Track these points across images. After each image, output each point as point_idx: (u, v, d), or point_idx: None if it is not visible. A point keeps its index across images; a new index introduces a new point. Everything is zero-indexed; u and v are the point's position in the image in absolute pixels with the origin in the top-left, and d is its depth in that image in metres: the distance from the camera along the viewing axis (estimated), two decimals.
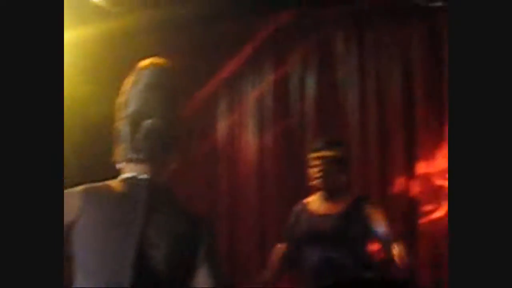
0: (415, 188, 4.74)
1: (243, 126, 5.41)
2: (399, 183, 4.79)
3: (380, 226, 3.68)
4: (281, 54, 5.25)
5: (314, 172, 3.79)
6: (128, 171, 2.01)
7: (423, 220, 4.59)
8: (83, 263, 1.85)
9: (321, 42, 5.16)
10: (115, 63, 4.88)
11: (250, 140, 5.21)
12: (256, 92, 5.18)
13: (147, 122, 2.06)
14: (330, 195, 3.77)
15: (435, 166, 4.68)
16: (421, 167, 4.68)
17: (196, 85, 5.20)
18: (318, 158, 3.78)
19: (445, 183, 4.62)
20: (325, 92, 5.11)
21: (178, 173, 2.21)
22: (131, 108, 2.09)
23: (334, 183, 3.76)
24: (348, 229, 3.69)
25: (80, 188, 1.95)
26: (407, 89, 4.81)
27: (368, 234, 3.55)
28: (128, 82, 2.16)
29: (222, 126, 5.49)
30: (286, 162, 5.27)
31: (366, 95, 4.97)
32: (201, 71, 5.25)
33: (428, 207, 4.65)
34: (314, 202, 3.90)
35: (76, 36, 4.48)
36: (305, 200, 3.96)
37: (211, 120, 5.53)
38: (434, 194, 4.70)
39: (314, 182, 3.83)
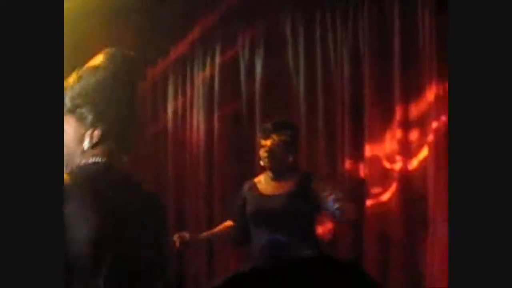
0: (363, 171, 4.78)
1: (192, 108, 5.44)
2: (347, 166, 4.82)
3: (327, 195, 3.74)
4: (230, 36, 5.23)
5: (262, 153, 3.87)
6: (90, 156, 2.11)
7: (370, 202, 4.65)
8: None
9: (269, 25, 5.11)
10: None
11: (199, 121, 5.27)
12: (205, 74, 5.23)
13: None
14: (277, 175, 3.85)
15: (384, 148, 4.70)
16: (370, 150, 4.70)
17: (146, 67, 5.17)
18: (266, 139, 3.85)
19: (393, 165, 4.68)
20: (273, 74, 5.11)
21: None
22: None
23: (281, 164, 3.84)
24: (296, 207, 3.77)
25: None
26: (355, 72, 4.81)
27: (317, 208, 3.63)
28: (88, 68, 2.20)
29: (172, 108, 5.54)
30: (234, 143, 5.30)
31: (314, 78, 4.96)
32: (150, 53, 5.25)
33: (376, 190, 4.69)
34: (262, 182, 3.97)
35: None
36: (254, 180, 4.01)
37: (161, 102, 5.57)
38: (382, 176, 4.73)
39: (262, 163, 3.91)
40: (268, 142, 3.85)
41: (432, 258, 4.65)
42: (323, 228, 3.97)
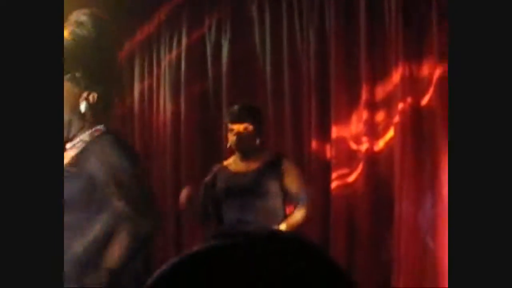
0: (329, 152, 4.79)
1: (159, 89, 5.43)
2: (313, 147, 4.85)
3: (294, 185, 3.92)
4: (197, 17, 5.22)
5: (230, 136, 3.97)
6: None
7: (336, 184, 4.66)
8: None
9: (236, 6, 5.12)
10: None
11: (166, 103, 5.27)
12: (172, 55, 5.22)
13: None
14: (246, 155, 3.98)
15: (350, 130, 4.72)
16: (336, 131, 4.71)
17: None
18: (233, 123, 3.96)
19: (359, 147, 4.70)
20: (240, 56, 5.12)
21: None
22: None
23: (249, 147, 3.98)
24: (264, 183, 3.92)
25: None
26: (321, 54, 4.79)
27: (283, 190, 3.78)
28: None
29: (138, 89, 5.54)
30: (201, 125, 5.32)
31: (281, 59, 4.97)
32: (116, 34, 5.21)
33: (342, 171, 4.71)
34: (231, 163, 4.10)
35: None
36: (224, 162, 4.12)
37: (127, 83, 5.57)
38: (348, 157, 4.74)
39: (230, 146, 4.04)
40: (235, 127, 3.94)
41: (399, 241, 4.69)
42: (290, 209, 4.06)
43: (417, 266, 4.72)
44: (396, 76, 4.55)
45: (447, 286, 4.34)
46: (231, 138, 3.97)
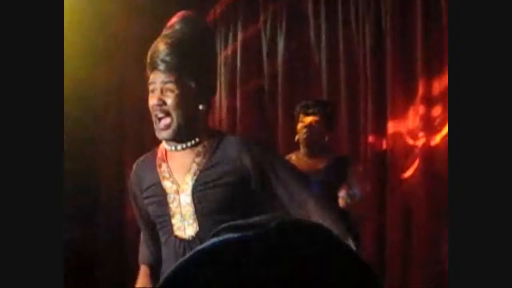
0: (386, 147, 4.74)
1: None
2: (369, 142, 4.81)
3: (357, 186, 3.92)
4: (252, 13, 5.24)
5: (300, 128, 3.95)
6: None
7: (392, 179, 4.61)
8: None
9: (291, 1, 5.11)
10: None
11: (222, 99, 5.30)
12: (228, 51, 5.25)
13: None
14: (312, 152, 3.97)
15: (407, 125, 4.65)
16: (392, 126, 4.65)
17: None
18: (306, 116, 3.95)
19: (416, 142, 4.62)
20: (295, 51, 5.11)
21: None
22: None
23: (318, 141, 3.95)
24: (328, 186, 3.87)
25: None
26: (377, 49, 4.73)
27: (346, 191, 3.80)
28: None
29: None
30: (257, 120, 5.32)
31: (337, 54, 4.92)
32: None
33: (398, 166, 4.66)
34: (294, 159, 4.02)
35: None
36: (288, 155, 4.06)
37: None
38: (404, 153, 4.67)
39: (299, 138, 4.00)
40: (308, 119, 3.93)
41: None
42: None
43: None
44: (444, 78, 4.47)
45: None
46: (301, 130, 3.95)
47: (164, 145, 2.62)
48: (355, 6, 4.84)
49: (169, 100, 2.48)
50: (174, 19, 2.60)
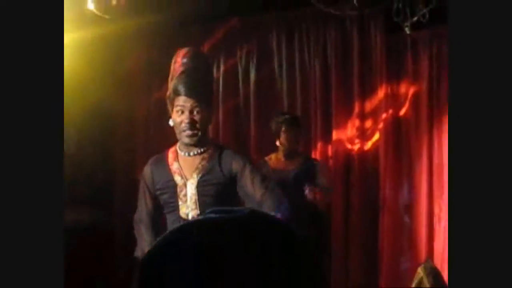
0: (331, 150, 5.45)
1: None
2: (318, 147, 5.48)
3: (325, 180, 4.61)
4: (231, 50, 5.79)
5: (284, 138, 4.55)
6: None
7: (336, 175, 5.36)
8: None
9: (260, 41, 5.72)
10: (109, 63, 5.45)
11: None
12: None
13: None
14: (289, 155, 4.60)
15: (346, 134, 5.42)
16: (335, 135, 5.40)
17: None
18: (287, 128, 4.56)
19: (353, 147, 5.39)
20: (263, 79, 5.67)
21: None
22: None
23: (294, 147, 4.62)
24: (303, 181, 4.44)
25: None
26: (325, 77, 5.43)
27: (315, 184, 4.34)
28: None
29: None
30: (234, 132, 5.81)
31: (294, 81, 5.53)
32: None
33: (339, 166, 5.45)
34: (273, 159, 4.66)
35: (76, 39, 4.65)
36: (269, 156, 4.71)
37: None
38: (345, 154, 5.44)
39: (280, 145, 4.60)
40: (288, 130, 4.58)
41: (383, 218, 5.39)
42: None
43: (398, 238, 5.43)
44: (380, 94, 5.30)
45: (423, 258, 5.05)
46: (284, 138, 4.57)
47: (178, 150, 3.05)
48: (307, 45, 5.49)
49: (198, 117, 2.93)
50: (181, 55, 3.02)
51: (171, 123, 2.98)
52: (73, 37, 4.60)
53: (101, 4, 4.68)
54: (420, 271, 1.96)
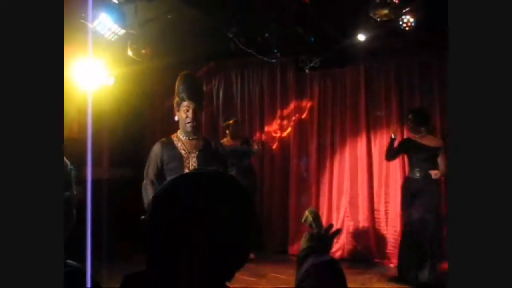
0: (264, 137, 7.47)
1: None
2: (257, 135, 7.52)
3: (256, 146, 6.28)
4: (210, 80, 7.57)
5: (231, 129, 6.17)
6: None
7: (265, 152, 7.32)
8: None
9: (226, 76, 7.60)
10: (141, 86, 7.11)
11: None
12: None
13: None
14: (235, 138, 6.13)
15: (273, 127, 7.52)
16: (267, 128, 7.55)
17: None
18: (232, 123, 6.23)
19: (276, 135, 7.41)
20: (227, 99, 7.75)
21: None
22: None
23: (239, 135, 6.17)
24: (244, 150, 5.95)
25: None
26: (260, 100, 7.52)
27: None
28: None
29: None
30: (210, 127, 7.43)
31: (244, 102, 7.63)
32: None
33: (270, 147, 7.46)
34: (227, 140, 6.06)
35: (122, 73, 6.24)
36: (223, 140, 6.18)
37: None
38: (272, 140, 7.49)
39: (230, 134, 6.21)
40: (233, 126, 6.21)
41: (292, 185, 7.23)
42: None
43: (302, 192, 7.33)
44: (291, 106, 7.57)
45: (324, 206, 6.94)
46: (231, 130, 6.34)
47: (180, 136, 3.39)
48: (251, 79, 7.64)
49: (198, 115, 3.36)
50: (182, 76, 3.38)
51: (176, 118, 3.38)
52: (119, 72, 6.31)
53: (135, 52, 5.65)
54: (307, 213, 1.78)
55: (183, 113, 3.44)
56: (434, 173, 5.57)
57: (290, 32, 6.14)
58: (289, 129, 7.68)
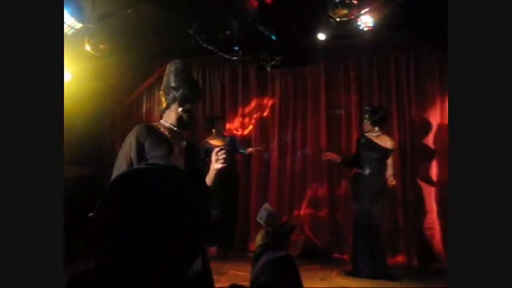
0: (228, 133, 7.29)
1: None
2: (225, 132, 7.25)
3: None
4: None
5: (217, 125, 6.20)
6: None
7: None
8: None
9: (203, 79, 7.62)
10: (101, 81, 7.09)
11: None
12: None
13: None
14: (219, 136, 6.19)
15: (235, 124, 7.58)
16: (228, 126, 7.48)
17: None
18: (218, 120, 6.34)
19: (238, 132, 7.47)
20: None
21: None
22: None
23: (222, 132, 6.21)
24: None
25: None
26: (221, 97, 7.63)
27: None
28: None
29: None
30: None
31: (212, 98, 7.73)
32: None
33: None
34: (213, 137, 6.20)
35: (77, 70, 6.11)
36: (209, 137, 6.23)
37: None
38: (234, 136, 7.39)
39: (216, 131, 6.25)
40: (220, 123, 6.35)
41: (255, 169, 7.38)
42: None
43: (262, 180, 7.46)
44: (253, 104, 7.63)
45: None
46: (217, 127, 6.32)
47: (165, 124, 3.02)
48: (213, 77, 7.77)
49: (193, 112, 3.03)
50: (175, 66, 3.00)
51: (162, 108, 3.01)
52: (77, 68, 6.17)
53: (93, 47, 5.56)
54: (262, 211, 1.58)
55: (179, 106, 3.04)
56: (390, 180, 5.68)
57: (252, 30, 6.11)
58: (250, 127, 7.77)
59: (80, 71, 6.34)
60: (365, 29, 5.78)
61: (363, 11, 5.59)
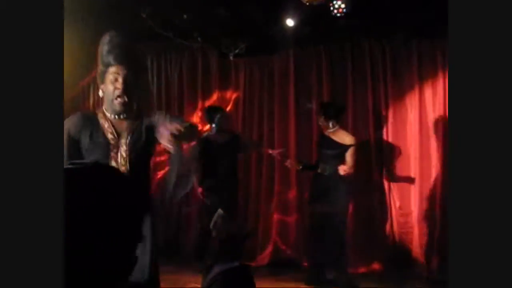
0: (196, 120, 6.80)
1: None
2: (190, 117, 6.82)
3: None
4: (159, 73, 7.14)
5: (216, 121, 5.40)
6: None
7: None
8: None
9: (155, 57, 7.04)
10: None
11: None
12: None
13: None
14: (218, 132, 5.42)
15: (193, 120, 6.86)
16: (197, 116, 6.95)
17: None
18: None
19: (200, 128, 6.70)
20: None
21: None
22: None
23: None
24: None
25: None
26: (180, 84, 7.05)
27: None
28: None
29: None
30: None
31: (161, 85, 7.19)
32: None
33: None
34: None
35: None
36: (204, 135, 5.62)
37: None
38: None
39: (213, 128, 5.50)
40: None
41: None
42: None
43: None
44: (215, 96, 7.05)
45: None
46: (220, 124, 5.47)
47: (106, 113, 2.71)
48: (170, 64, 7.16)
49: (131, 86, 2.74)
50: (106, 35, 2.75)
51: (101, 94, 2.74)
52: None
53: None
54: (215, 217, 1.73)
55: (110, 84, 2.70)
56: (342, 169, 5.37)
57: (213, 14, 5.82)
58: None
59: None
60: (338, 14, 5.57)
61: None
